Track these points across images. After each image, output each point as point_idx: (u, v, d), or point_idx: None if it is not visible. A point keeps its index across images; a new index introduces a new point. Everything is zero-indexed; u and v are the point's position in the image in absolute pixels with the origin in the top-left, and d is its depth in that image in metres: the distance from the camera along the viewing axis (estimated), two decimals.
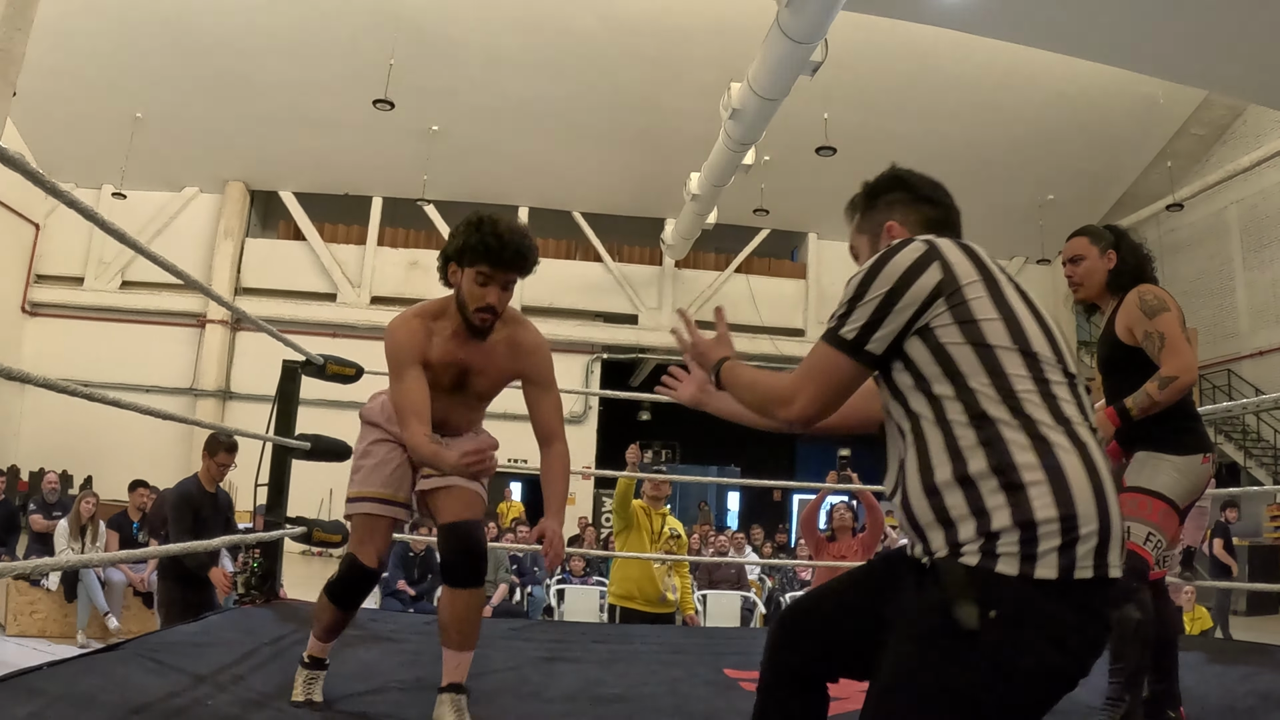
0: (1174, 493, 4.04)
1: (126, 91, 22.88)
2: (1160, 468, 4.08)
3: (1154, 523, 3.99)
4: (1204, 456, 4.13)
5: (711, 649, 5.87)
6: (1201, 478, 4.12)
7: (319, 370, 6.71)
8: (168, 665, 4.24)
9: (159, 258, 4.49)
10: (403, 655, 5.18)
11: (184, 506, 7.39)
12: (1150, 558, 3.96)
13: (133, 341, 25.12)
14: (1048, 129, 23.70)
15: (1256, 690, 4.91)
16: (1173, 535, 4.10)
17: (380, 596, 11.86)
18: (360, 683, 4.40)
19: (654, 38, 21.46)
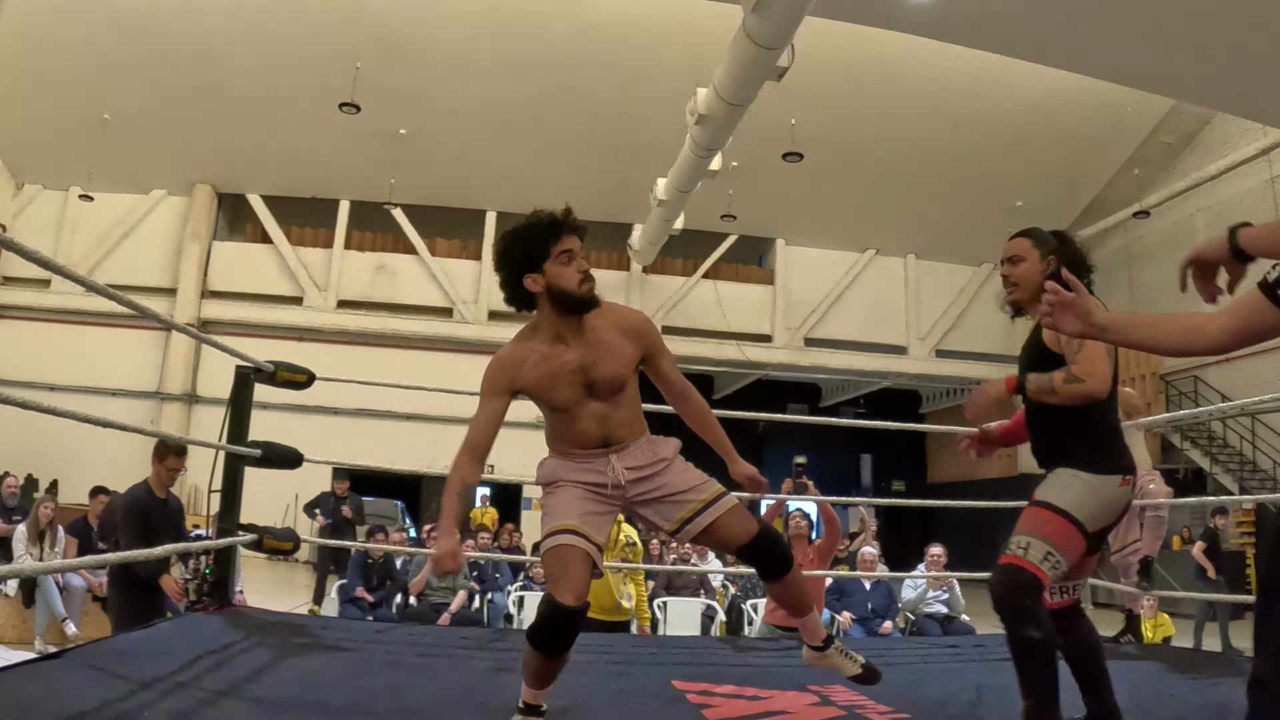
0: (1081, 512, 3.82)
1: (94, 94, 22.77)
2: (1072, 485, 3.87)
3: (1055, 541, 3.78)
4: (1122, 479, 3.91)
5: (661, 660, 5.83)
6: (1116, 501, 3.90)
7: (269, 377, 6.66)
8: (111, 673, 4.19)
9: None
10: (347, 664, 5.11)
11: (134, 513, 7.31)
12: (1045, 577, 3.75)
13: (99, 344, 24.95)
14: (1016, 135, 23.76)
15: (1210, 701, 4.90)
16: (1075, 557, 3.88)
17: (339, 604, 11.80)
18: (299, 690, 4.34)
19: (622, 43, 21.45)
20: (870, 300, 28.36)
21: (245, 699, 4.10)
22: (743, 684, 4.91)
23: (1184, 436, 24.17)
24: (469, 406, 14.93)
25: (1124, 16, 14.52)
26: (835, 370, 28.87)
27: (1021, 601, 3.67)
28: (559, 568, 3.75)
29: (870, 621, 11.09)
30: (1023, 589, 3.69)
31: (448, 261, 27.26)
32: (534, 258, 3.91)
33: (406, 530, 20.75)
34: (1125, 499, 3.94)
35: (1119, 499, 3.91)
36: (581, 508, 3.90)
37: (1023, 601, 3.67)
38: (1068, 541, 3.78)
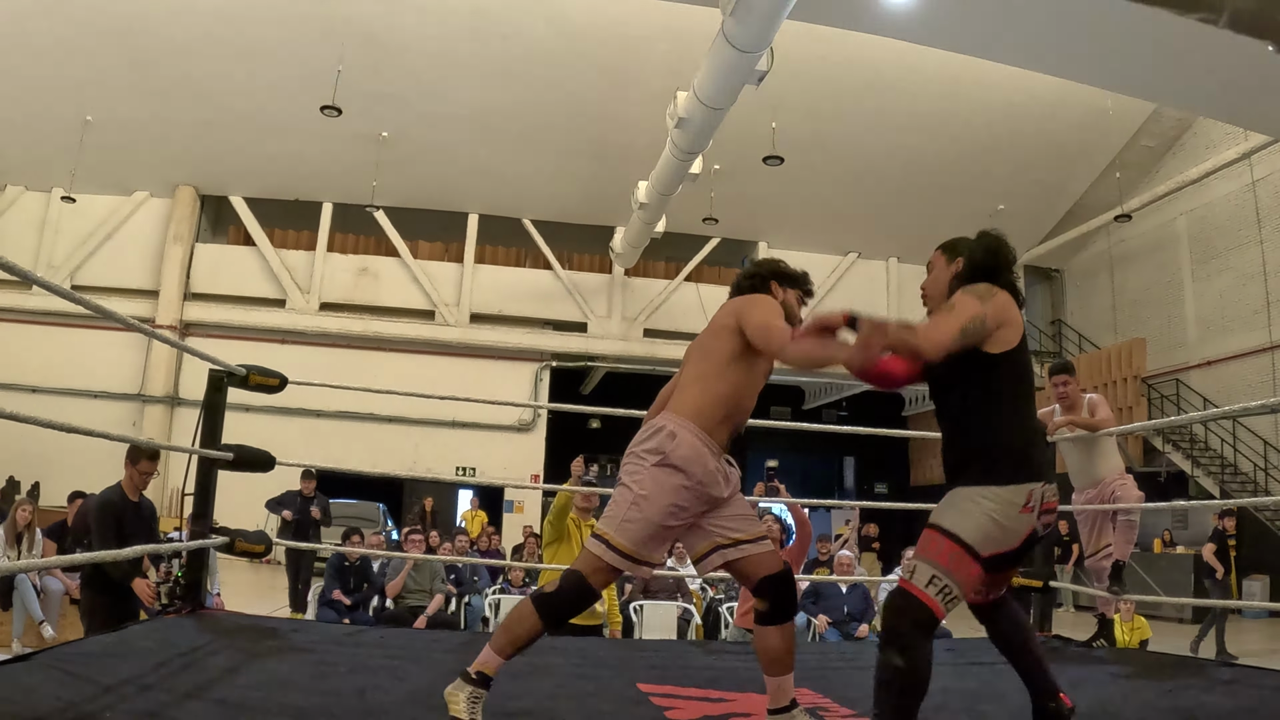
0: (974, 538, 3.57)
1: (76, 95, 22.71)
2: (968, 509, 3.62)
3: (942, 566, 3.55)
4: (1024, 505, 3.59)
5: (629, 663, 5.83)
6: (1017, 527, 3.61)
7: (241, 381, 6.65)
8: (76, 675, 4.18)
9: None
10: (315, 667, 5.10)
11: (107, 515, 7.28)
12: (935, 605, 3.53)
13: (81, 346, 24.88)
14: (998, 139, 23.81)
15: (1178, 707, 4.91)
16: (973, 582, 3.65)
17: (316, 606, 11.78)
18: (264, 692, 4.34)
19: (604, 46, 21.45)
20: (852, 303, 27.87)
21: (210, 701, 4.07)
22: (708, 686, 4.93)
23: (1165, 439, 24.22)
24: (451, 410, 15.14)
25: (1103, 20, 14.54)
26: (818, 373, 28.88)
27: (898, 625, 3.54)
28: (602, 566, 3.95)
29: (846, 625, 11.10)
30: (901, 613, 3.56)
31: (430, 264, 27.26)
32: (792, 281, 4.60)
33: (388, 533, 20.75)
34: (1027, 525, 3.63)
35: (1019, 525, 3.62)
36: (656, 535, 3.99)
37: (899, 626, 3.54)
38: (956, 566, 3.56)
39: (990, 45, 16.69)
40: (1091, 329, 29.03)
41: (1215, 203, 24.02)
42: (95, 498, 7.94)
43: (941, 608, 3.54)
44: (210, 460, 6.57)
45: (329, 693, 4.44)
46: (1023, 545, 3.68)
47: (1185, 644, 13.54)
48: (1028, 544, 3.70)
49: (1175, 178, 23.71)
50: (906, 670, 3.44)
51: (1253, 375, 22.83)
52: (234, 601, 10.90)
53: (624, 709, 4.49)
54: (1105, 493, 7.82)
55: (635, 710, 4.47)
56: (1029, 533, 3.65)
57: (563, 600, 3.90)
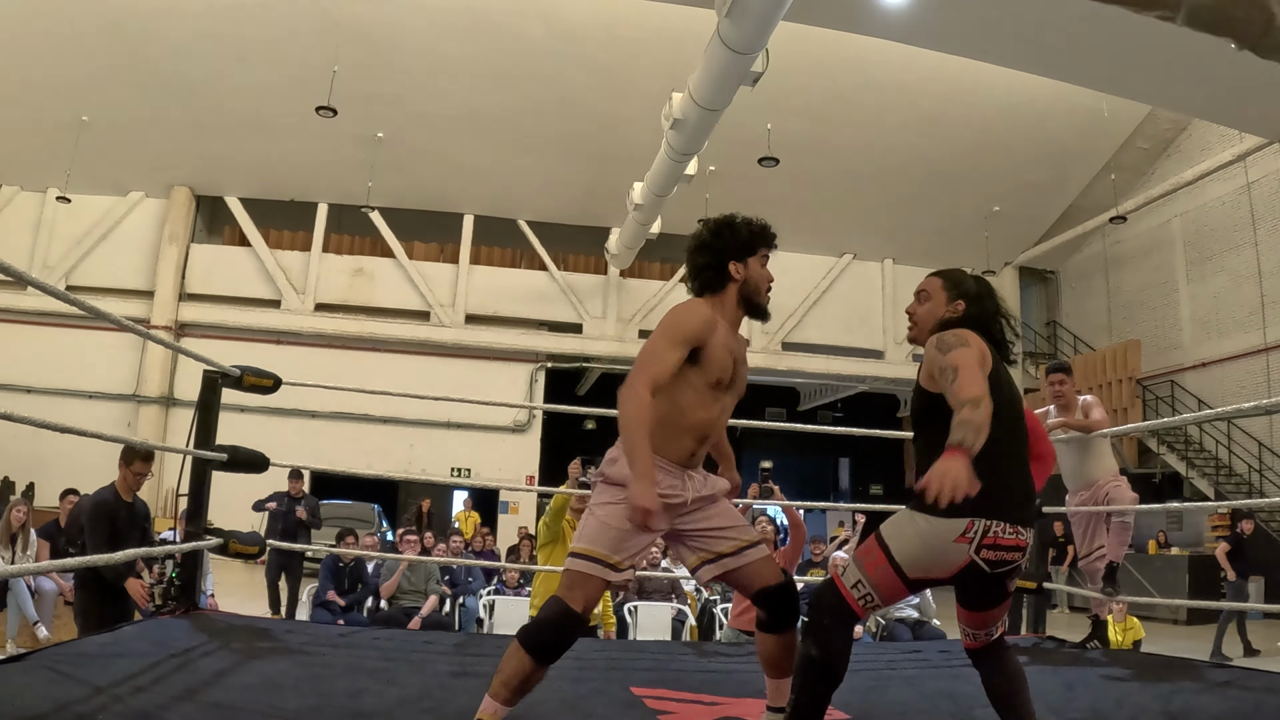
0: (903, 558, 3.54)
1: (72, 95, 22.69)
2: (905, 527, 3.59)
3: (869, 576, 3.58)
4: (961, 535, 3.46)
5: (623, 665, 5.83)
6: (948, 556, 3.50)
7: (236, 382, 6.65)
8: (70, 676, 4.19)
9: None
10: (308, 669, 5.10)
11: (100, 516, 7.26)
12: (856, 606, 3.58)
13: (76, 347, 24.86)
14: (993, 141, 23.82)
15: (1169, 709, 4.90)
16: (892, 597, 3.64)
17: (310, 607, 11.77)
18: (258, 694, 4.33)
19: (600, 47, 21.44)
20: (847, 305, 28.43)
21: (203, 703, 4.07)
22: (701, 690, 4.92)
23: (1160, 441, 24.25)
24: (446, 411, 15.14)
25: (1098, 22, 14.55)
26: (813, 374, 28.91)
27: (819, 618, 3.59)
28: (579, 580, 3.79)
29: None
30: (824, 607, 3.62)
31: (425, 265, 27.25)
32: (748, 247, 4.09)
33: (383, 534, 20.72)
34: (960, 557, 3.49)
35: (950, 555, 3.50)
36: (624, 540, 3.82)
37: (820, 619, 3.59)
38: (881, 579, 3.57)
39: (985, 47, 16.71)
40: (1086, 330, 29.07)
41: (1210, 205, 24.06)
42: (88, 498, 7.93)
43: (861, 610, 3.62)
44: (205, 461, 6.57)
45: (323, 695, 4.44)
46: (962, 576, 3.56)
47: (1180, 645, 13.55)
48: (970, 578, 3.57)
49: (1170, 180, 23.74)
50: (820, 661, 3.52)
51: (1247, 377, 22.87)
52: (227, 602, 10.90)
53: (618, 714, 4.48)
54: (1099, 494, 7.82)
55: (629, 715, 4.45)
56: (964, 564, 3.50)
57: (544, 628, 3.73)
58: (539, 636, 3.71)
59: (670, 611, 11.69)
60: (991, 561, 3.51)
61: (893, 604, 3.80)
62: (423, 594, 11.79)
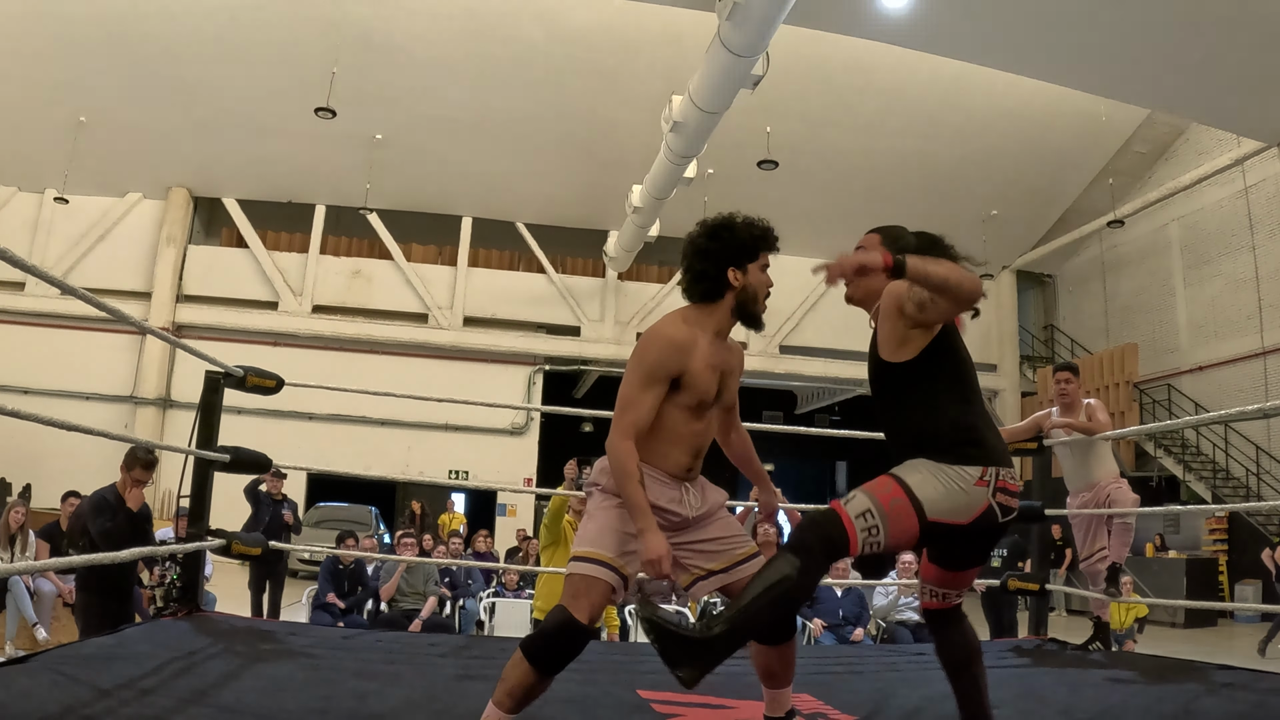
0: (925, 496, 3.45)
1: (70, 95, 22.69)
2: (925, 469, 3.52)
3: (881, 506, 3.43)
4: (979, 478, 3.48)
5: (629, 668, 5.80)
6: (970, 499, 3.47)
7: (239, 382, 6.63)
8: (74, 678, 4.17)
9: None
10: (312, 671, 5.09)
11: (102, 508, 7.28)
12: (854, 537, 3.39)
13: (73, 348, 24.88)
14: (991, 145, 23.83)
15: (1176, 710, 4.91)
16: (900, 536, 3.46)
17: (310, 610, 11.75)
18: (263, 697, 4.32)
19: (599, 50, 21.44)
20: (845, 308, 27.35)
21: (209, 705, 4.06)
22: (708, 692, 4.90)
23: (1157, 445, 24.25)
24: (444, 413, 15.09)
25: (1098, 27, 14.58)
26: (810, 378, 28.89)
27: (807, 537, 3.41)
28: (583, 588, 3.64)
29: (842, 629, 11.10)
30: (818, 528, 3.42)
31: (423, 267, 27.25)
32: (749, 252, 3.93)
33: (380, 536, 20.72)
34: (981, 499, 3.49)
35: (973, 497, 3.48)
36: (625, 543, 3.70)
37: (807, 538, 3.40)
38: (895, 512, 3.43)
39: (984, 51, 16.75)
40: (1084, 334, 29.08)
41: (1207, 209, 24.08)
42: (89, 497, 7.93)
43: (859, 544, 3.42)
44: (207, 462, 6.56)
45: (328, 697, 4.43)
46: (976, 523, 3.50)
47: (1179, 649, 13.50)
48: (983, 525, 3.52)
49: (1168, 184, 23.79)
50: (796, 583, 3.36)
51: (1244, 380, 22.88)
52: (225, 604, 10.88)
53: (626, 715, 4.48)
54: (1100, 496, 7.82)
55: (637, 717, 4.46)
56: (983, 509, 3.48)
57: (547, 639, 3.60)
58: (542, 647, 3.59)
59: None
60: (1003, 506, 3.52)
61: (894, 549, 3.56)
62: (422, 596, 11.77)
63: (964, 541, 3.63)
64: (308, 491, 25.11)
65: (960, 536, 3.57)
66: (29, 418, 4.25)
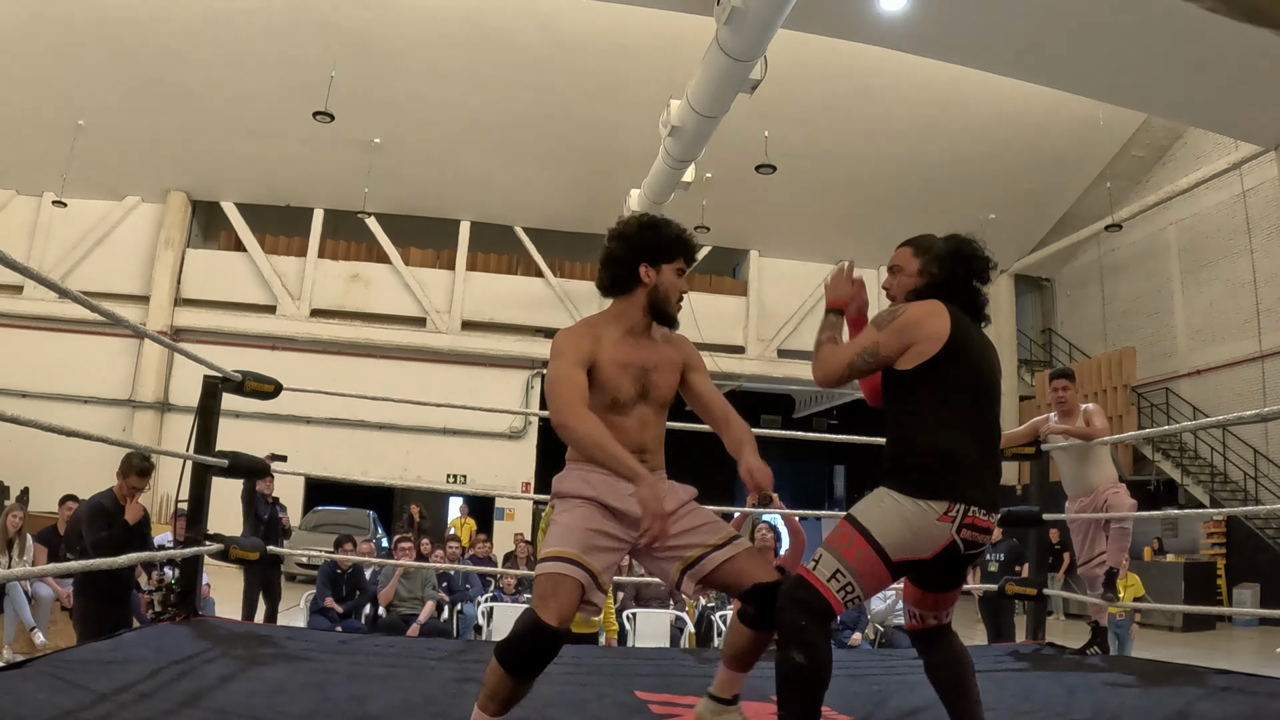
0: (886, 540, 3.46)
1: (69, 99, 22.69)
2: (886, 508, 3.52)
3: (848, 562, 3.46)
4: (944, 513, 3.44)
5: (626, 670, 5.82)
6: (932, 535, 3.46)
7: (237, 387, 6.62)
8: (73, 683, 4.17)
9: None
10: (310, 675, 5.08)
11: (98, 516, 7.26)
12: (834, 600, 3.43)
13: (71, 351, 24.89)
14: (989, 149, 23.84)
15: (1172, 714, 4.91)
16: (875, 584, 3.51)
17: (308, 614, 11.75)
18: (261, 701, 4.32)
19: (597, 54, 21.44)
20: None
21: (207, 709, 4.06)
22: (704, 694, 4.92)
23: (1155, 448, 24.26)
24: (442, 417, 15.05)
25: (1094, 31, 14.59)
26: (808, 382, 28.85)
27: (795, 619, 3.42)
28: (550, 588, 3.57)
29: (839, 633, 11.09)
30: (799, 605, 3.45)
31: (421, 271, 27.26)
32: (661, 252, 3.96)
33: (378, 540, 20.70)
34: (943, 535, 3.47)
35: (935, 533, 3.47)
36: (590, 539, 3.68)
37: (797, 619, 3.42)
38: (862, 565, 3.46)
39: (982, 55, 16.76)
40: (1082, 338, 29.10)
41: (1205, 213, 24.09)
42: (86, 502, 7.92)
43: (840, 604, 3.45)
44: (205, 467, 6.55)
45: (326, 701, 4.43)
46: (938, 557, 3.50)
47: (1176, 653, 13.47)
48: (945, 558, 3.52)
49: (1165, 188, 23.85)
50: (808, 665, 3.34)
51: (1242, 384, 22.88)
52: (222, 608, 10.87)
53: (625, 717, 4.49)
54: (1098, 501, 7.83)
55: (635, 718, 4.46)
56: (945, 544, 3.47)
57: (517, 643, 3.50)
58: (514, 653, 3.51)
59: (669, 618, 11.68)
60: (968, 542, 3.50)
61: (873, 594, 3.61)
62: (420, 600, 11.77)
63: (932, 570, 3.63)
64: (306, 495, 25.11)
65: (925, 567, 3.58)
66: (27, 423, 4.26)
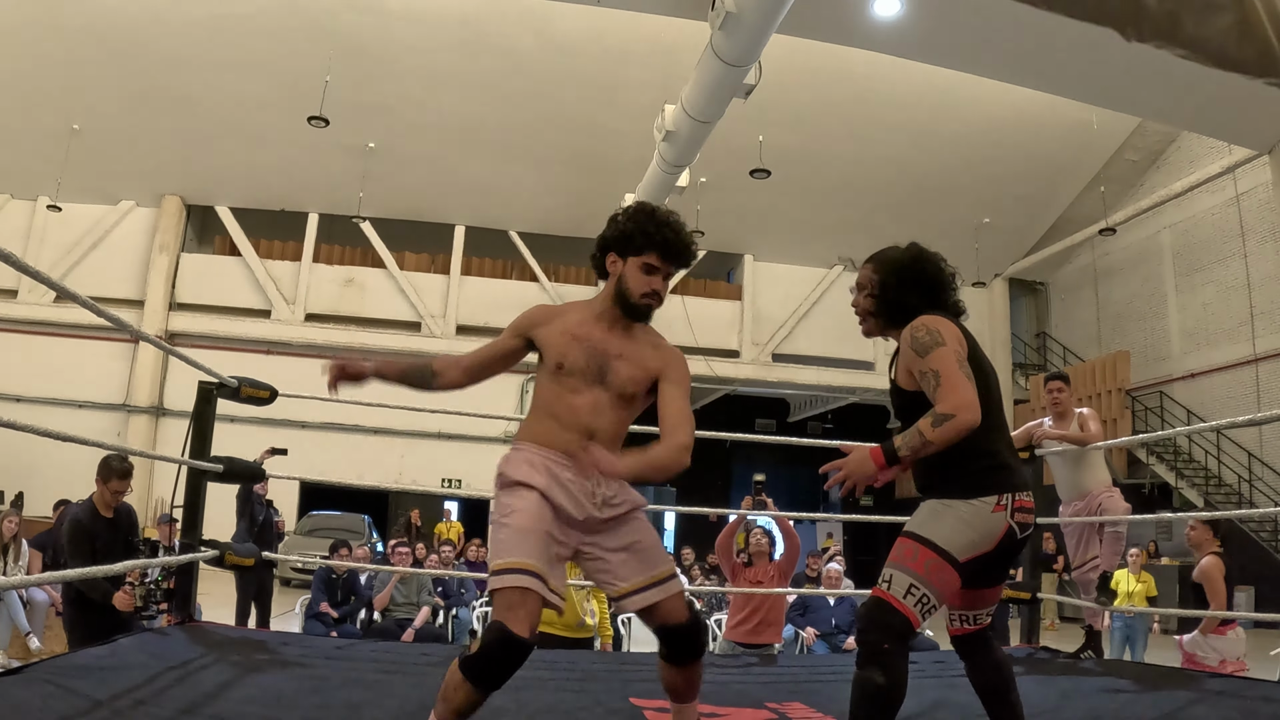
0: (951, 544, 3.53)
1: (64, 103, 22.70)
2: (942, 515, 3.60)
3: (919, 574, 3.50)
4: (996, 504, 3.57)
5: (621, 676, 5.82)
6: (991, 527, 3.57)
7: (233, 393, 6.62)
8: (69, 689, 4.15)
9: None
10: (306, 681, 5.09)
11: (79, 535, 7.07)
12: (913, 615, 3.46)
13: (66, 356, 24.86)
14: (983, 153, 23.88)
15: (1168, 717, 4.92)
16: (950, 590, 3.58)
17: (303, 619, 11.74)
18: (257, 707, 4.33)
19: (591, 59, 21.48)
20: (838, 316, 28.33)
21: (204, 715, 4.06)
22: (700, 700, 4.93)
23: (1150, 452, 24.29)
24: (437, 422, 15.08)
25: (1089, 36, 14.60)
26: (803, 386, 28.94)
27: (879, 641, 3.44)
28: (517, 599, 3.43)
29: (834, 637, 11.10)
30: (880, 627, 3.47)
31: (416, 275, 27.26)
32: (627, 245, 3.89)
33: (373, 545, 20.69)
34: (1001, 525, 3.58)
35: (993, 525, 3.58)
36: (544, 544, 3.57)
37: (880, 642, 3.43)
38: (935, 575, 3.51)
39: (976, 60, 16.76)
40: (1076, 342, 29.12)
41: (1199, 216, 24.13)
42: (68, 514, 7.86)
43: (919, 618, 3.48)
44: (199, 472, 6.55)
45: (323, 707, 4.43)
46: (1000, 547, 3.59)
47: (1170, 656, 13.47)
48: (1005, 546, 3.61)
49: (1159, 192, 23.89)
50: (888, 686, 3.36)
51: (1236, 387, 22.93)
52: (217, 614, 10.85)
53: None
54: (1092, 505, 7.84)
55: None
56: (1005, 531, 3.58)
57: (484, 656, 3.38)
58: (483, 664, 3.37)
59: None
60: (1021, 525, 3.62)
61: (946, 601, 3.63)
62: (416, 606, 11.76)
63: (994, 561, 3.68)
64: (300, 500, 25.10)
65: (987, 561, 3.63)
66: (22, 428, 4.25)
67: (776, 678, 6.29)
